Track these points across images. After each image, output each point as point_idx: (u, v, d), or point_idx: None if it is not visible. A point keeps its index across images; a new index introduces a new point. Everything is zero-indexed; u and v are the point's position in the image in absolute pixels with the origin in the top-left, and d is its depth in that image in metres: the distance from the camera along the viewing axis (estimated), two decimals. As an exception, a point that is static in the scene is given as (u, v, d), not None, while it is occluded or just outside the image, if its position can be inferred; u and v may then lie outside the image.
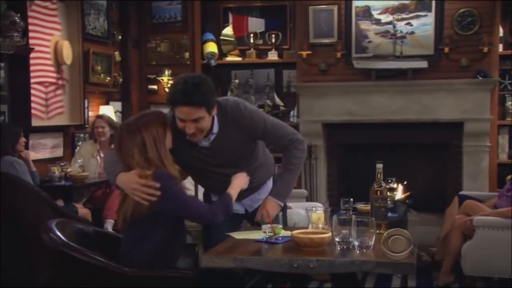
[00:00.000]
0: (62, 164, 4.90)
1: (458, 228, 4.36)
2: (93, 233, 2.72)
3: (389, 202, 4.61)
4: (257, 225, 2.72)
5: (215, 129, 2.73)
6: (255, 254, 2.31)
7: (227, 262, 2.24)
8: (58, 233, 2.39)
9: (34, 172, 4.68)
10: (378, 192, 2.68)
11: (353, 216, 2.38)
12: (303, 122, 6.30)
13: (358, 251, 2.31)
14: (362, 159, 6.10)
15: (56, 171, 4.90)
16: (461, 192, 5.22)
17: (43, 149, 5.26)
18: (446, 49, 5.97)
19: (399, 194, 6.42)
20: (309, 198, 6.25)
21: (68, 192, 4.84)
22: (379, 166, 2.72)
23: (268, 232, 2.50)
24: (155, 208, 2.48)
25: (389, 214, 4.47)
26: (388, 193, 4.72)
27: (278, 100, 6.69)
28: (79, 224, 2.70)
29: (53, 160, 5.21)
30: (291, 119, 6.64)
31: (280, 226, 2.53)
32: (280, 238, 2.51)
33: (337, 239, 2.38)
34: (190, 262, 3.18)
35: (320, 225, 2.47)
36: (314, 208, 2.58)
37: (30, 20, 4.97)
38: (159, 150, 2.57)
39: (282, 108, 6.69)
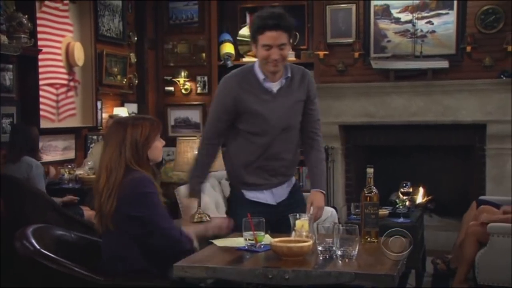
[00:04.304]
0: (69, 166, 4.87)
1: (473, 235, 4.17)
2: (76, 239, 2.65)
3: (401, 207, 4.50)
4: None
5: (289, 73, 2.87)
6: (231, 264, 2.20)
7: (199, 272, 2.14)
8: (32, 240, 2.33)
9: None
10: (368, 198, 2.53)
11: (336, 224, 2.25)
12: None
13: (340, 261, 2.18)
14: (381, 162, 5.92)
15: (65, 173, 4.88)
16: (480, 197, 5.01)
17: (53, 151, 5.24)
18: (469, 48, 5.76)
19: (420, 199, 6.24)
20: (326, 202, 6.08)
21: (76, 194, 4.81)
22: (370, 170, 2.58)
23: (250, 239, 2.39)
24: (124, 212, 2.41)
25: (400, 220, 4.36)
26: (403, 197, 4.62)
27: (295, 102, 6.55)
28: (61, 231, 2.63)
29: (65, 162, 5.18)
30: (309, 121, 6.50)
31: (263, 233, 2.41)
32: (262, 246, 2.39)
33: (319, 248, 2.26)
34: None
35: (304, 233, 2.35)
36: (298, 215, 2.45)
37: (39, 22, 4.95)
38: (137, 153, 2.49)
39: (299, 109, 6.55)
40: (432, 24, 5.91)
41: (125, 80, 6.23)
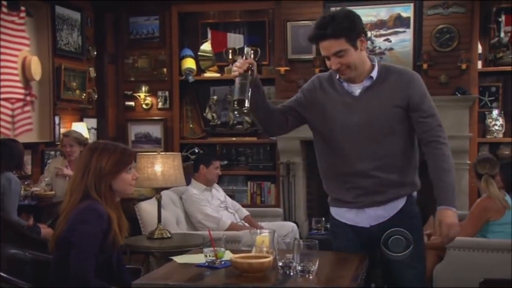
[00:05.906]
0: (26, 182, 4.76)
1: (433, 249, 4.22)
2: (30, 258, 2.59)
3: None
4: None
5: (374, 74, 2.58)
6: (191, 281, 2.18)
7: (158, 289, 2.11)
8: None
9: None
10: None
11: (296, 239, 2.25)
12: (281, 139, 6.19)
13: (300, 277, 2.18)
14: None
15: (21, 190, 4.76)
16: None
17: (9, 167, 5.11)
18: (425, 66, 5.88)
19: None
20: (287, 217, 6.12)
21: (33, 212, 4.69)
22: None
23: (210, 256, 2.37)
24: (63, 234, 2.38)
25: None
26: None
27: (257, 117, 6.57)
28: (15, 249, 2.56)
29: (21, 179, 5.05)
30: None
31: (223, 249, 2.40)
32: (223, 263, 2.37)
33: (280, 264, 2.25)
34: None
35: (265, 249, 2.34)
36: (259, 231, 2.45)
37: (-6, 35, 4.88)
38: (99, 183, 2.46)
39: (260, 125, 6.57)
40: (390, 41, 6.03)
41: (84, 95, 6.15)
